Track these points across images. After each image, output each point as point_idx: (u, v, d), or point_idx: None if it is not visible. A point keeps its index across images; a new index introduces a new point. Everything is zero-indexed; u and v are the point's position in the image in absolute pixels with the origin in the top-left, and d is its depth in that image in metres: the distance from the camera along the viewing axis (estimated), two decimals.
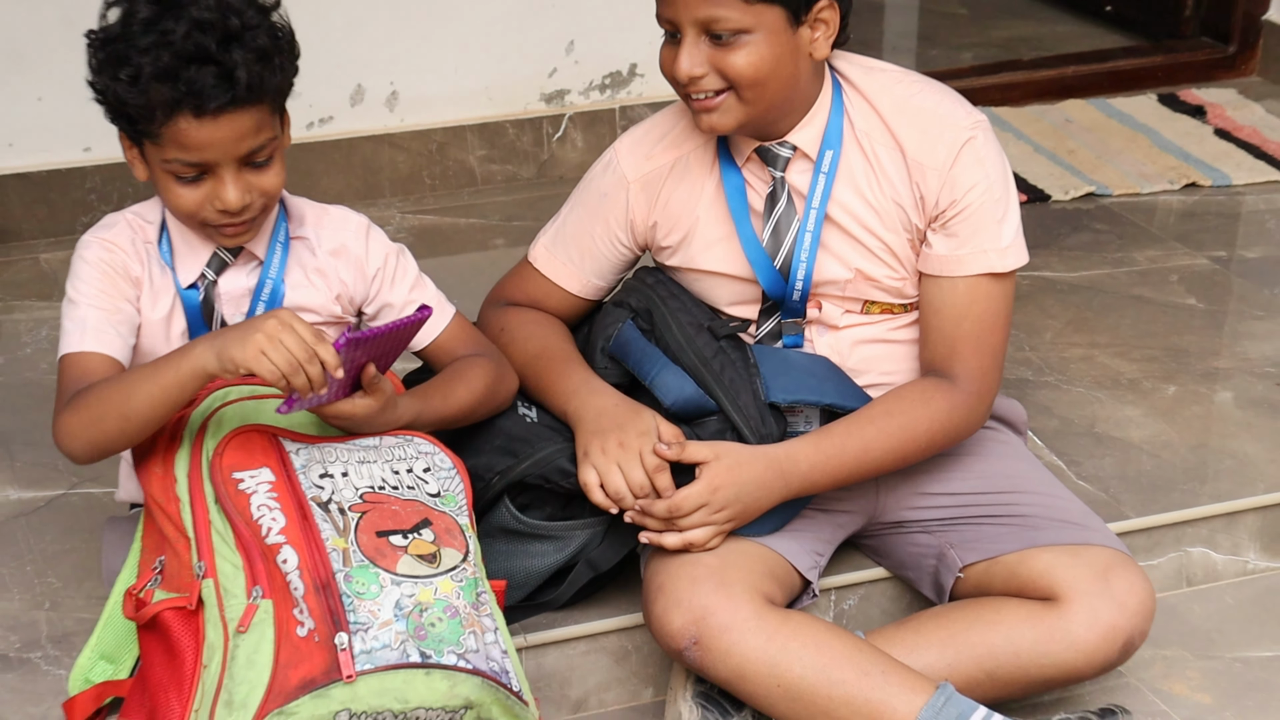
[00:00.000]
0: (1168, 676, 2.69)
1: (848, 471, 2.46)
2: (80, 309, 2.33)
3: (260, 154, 2.29)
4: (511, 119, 4.06)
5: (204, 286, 2.39)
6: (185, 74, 2.20)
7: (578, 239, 2.63)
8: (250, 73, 2.22)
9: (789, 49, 2.39)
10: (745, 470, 2.40)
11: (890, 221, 2.50)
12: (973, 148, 2.48)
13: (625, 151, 2.59)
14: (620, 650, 2.63)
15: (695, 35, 2.37)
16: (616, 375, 2.56)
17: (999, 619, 2.46)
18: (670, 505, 2.38)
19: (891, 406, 2.49)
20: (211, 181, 2.28)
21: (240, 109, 2.23)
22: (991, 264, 2.50)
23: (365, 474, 2.23)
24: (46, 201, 3.74)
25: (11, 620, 2.57)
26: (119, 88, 2.23)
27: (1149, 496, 2.90)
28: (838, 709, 2.35)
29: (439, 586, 2.14)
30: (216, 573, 2.13)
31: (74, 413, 2.23)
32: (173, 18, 2.22)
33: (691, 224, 2.56)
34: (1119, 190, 4.06)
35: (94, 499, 2.86)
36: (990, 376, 2.53)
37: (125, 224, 2.40)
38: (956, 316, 2.50)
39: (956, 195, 2.47)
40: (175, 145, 2.25)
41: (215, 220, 2.31)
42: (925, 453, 2.51)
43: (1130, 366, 3.31)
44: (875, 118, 2.50)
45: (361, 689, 2.06)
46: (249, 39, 2.23)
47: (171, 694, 2.13)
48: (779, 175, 2.51)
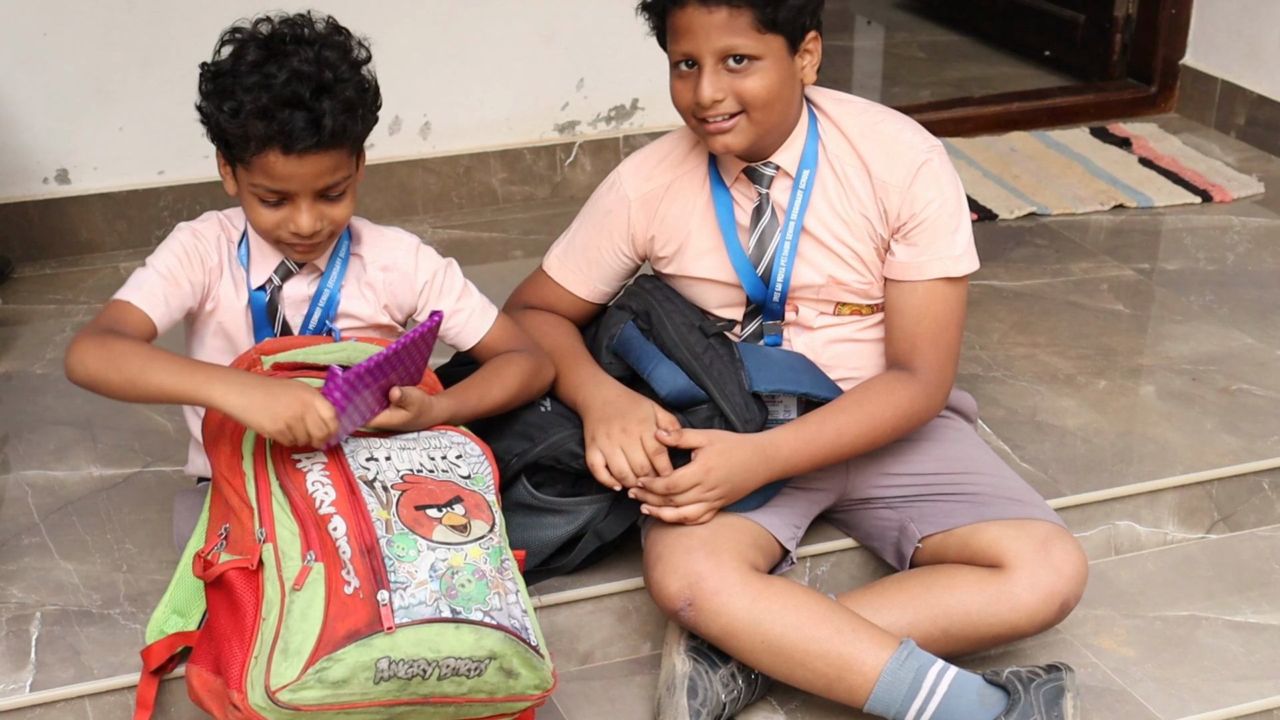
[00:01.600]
0: (1098, 633, 2.69)
1: (823, 455, 2.46)
2: (148, 271, 2.34)
3: (335, 189, 2.30)
4: (529, 146, 4.05)
5: (270, 290, 2.39)
6: (280, 115, 2.20)
7: (586, 250, 2.62)
8: (335, 121, 2.23)
9: (789, 74, 2.41)
10: (735, 454, 2.40)
11: (858, 232, 2.50)
12: (929, 168, 2.48)
13: (628, 174, 2.59)
14: (622, 610, 2.62)
15: (714, 64, 2.37)
16: (619, 369, 2.56)
17: (953, 584, 2.45)
18: (669, 483, 2.38)
19: (860, 397, 2.48)
20: (290, 207, 2.28)
21: (323, 151, 2.24)
22: (947, 269, 2.50)
23: (405, 459, 2.23)
24: (126, 218, 3.74)
25: (94, 581, 2.57)
26: (221, 117, 2.24)
27: (1082, 477, 2.90)
28: (814, 661, 2.35)
29: (469, 552, 2.14)
30: (276, 538, 2.13)
31: (99, 346, 2.19)
32: (276, 64, 2.23)
33: (685, 237, 2.56)
34: (1057, 210, 4.05)
35: (165, 476, 2.85)
36: (946, 369, 2.53)
37: (216, 221, 2.41)
38: (916, 316, 2.50)
39: (915, 209, 2.47)
40: (263, 174, 2.25)
41: (288, 240, 2.31)
42: (890, 437, 2.51)
43: (1066, 364, 3.30)
44: (844, 142, 2.50)
45: (400, 639, 2.06)
46: (339, 90, 2.24)
47: (235, 643, 2.12)
48: (765, 192, 2.51)
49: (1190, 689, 2.57)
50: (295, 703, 2.04)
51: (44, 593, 2.53)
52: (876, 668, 2.34)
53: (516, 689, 2.16)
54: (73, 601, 2.51)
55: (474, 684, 2.12)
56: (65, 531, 2.69)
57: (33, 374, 3.21)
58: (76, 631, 2.45)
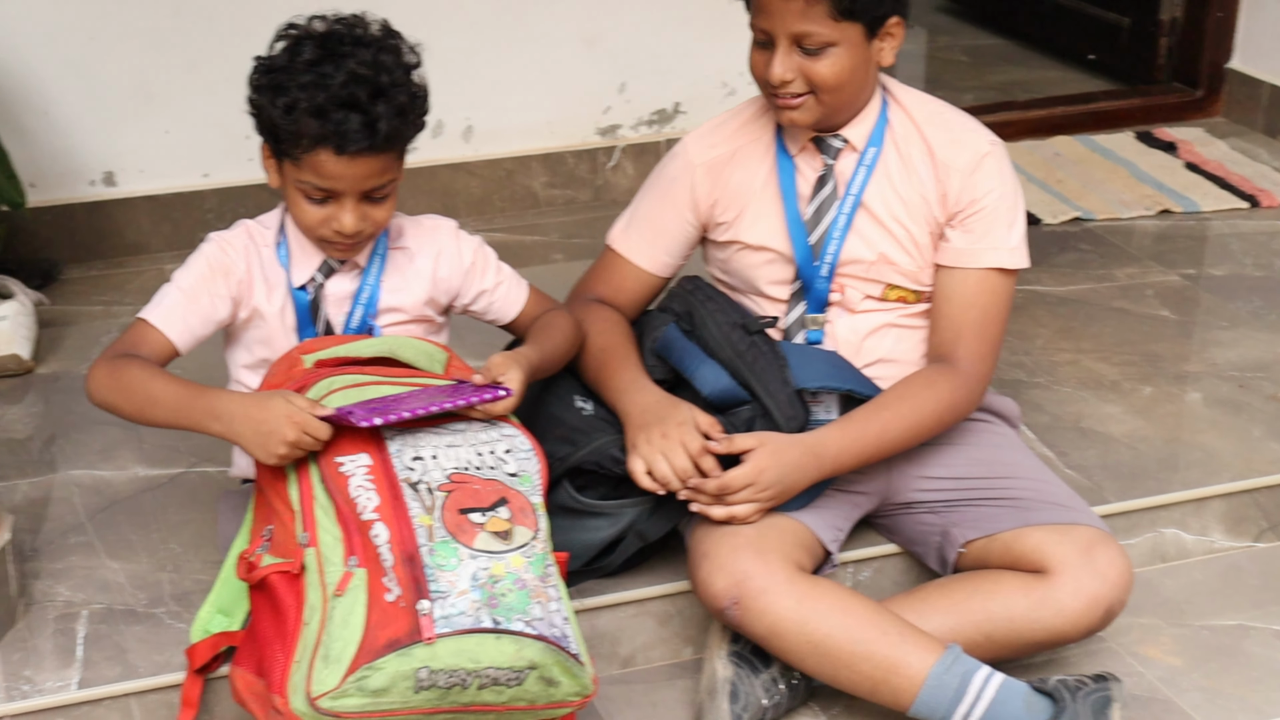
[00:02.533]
0: (1143, 642, 2.67)
1: (870, 452, 2.47)
2: (171, 289, 2.37)
3: (380, 191, 2.31)
4: (571, 150, 4.05)
5: (313, 289, 2.40)
6: (335, 116, 2.22)
7: (650, 221, 2.65)
8: (389, 125, 2.24)
9: (863, 59, 2.44)
10: (786, 454, 2.40)
11: (915, 213, 2.52)
12: (993, 159, 2.52)
13: (693, 142, 2.63)
14: (664, 614, 2.62)
15: (788, 45, 2.41)
16: (662, 371, 2.56)
17: (996, 589, 2.44)
18: (721, 484, 2.38)
19: (903, 392, 2.49)
20: (334, 206, 2.29)
21: (374, 154, 2.25)
22: (1002, 260, 2.52)
23: (452, 456, 2.22)
24: (171, 220, 3.76)
25: (140, 580, 2.58)
26: (274, 113, 2.25)
27: (1127, 484, 2.88)
28: (859, 663, 2.35)
29: (510, 561, 2.14)
30: (318, 543, 2.13)
31: (112, 374, 2.27)
32: (333, 64, 2.24)
33: (745, 202, 2.58)
34: (1101, 215, 4.03)
35: (210, 476, 2.86)
36: (987, 362, 2.54)
37: (245, 230, 2.42)
38: (965, 304, 2.52)
39: (976, 195, 2.50)
40: (312, 172, 2.26)
41: (330, 238, 2.32)
42: (934, 431, 2.51)
43: (1111, 370, 3.29)
44: (911, 124, 2.54)
45: (440, 649, 2.06)
46: (393, 95, 2.26)
47: (277, 647, 2.13)
48: (830, 163, 2.53)
49: (1238, 699, 2.55)
50: (336, 710, 2.04)
51: (90, 591, 2.55)
52: (922, 671, 2.33)
53: (557, 697, 2.16)
54: (119, 600, 2.53)
55: (514, 693, 2.11)
56: (111, 531, 2.71)
57: (79, 374, 3.22)
58: (122, 630, 2.46)
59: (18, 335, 3.20)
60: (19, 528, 2.63)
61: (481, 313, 2.54)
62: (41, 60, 3.56)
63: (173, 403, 2.23)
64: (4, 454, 2.93)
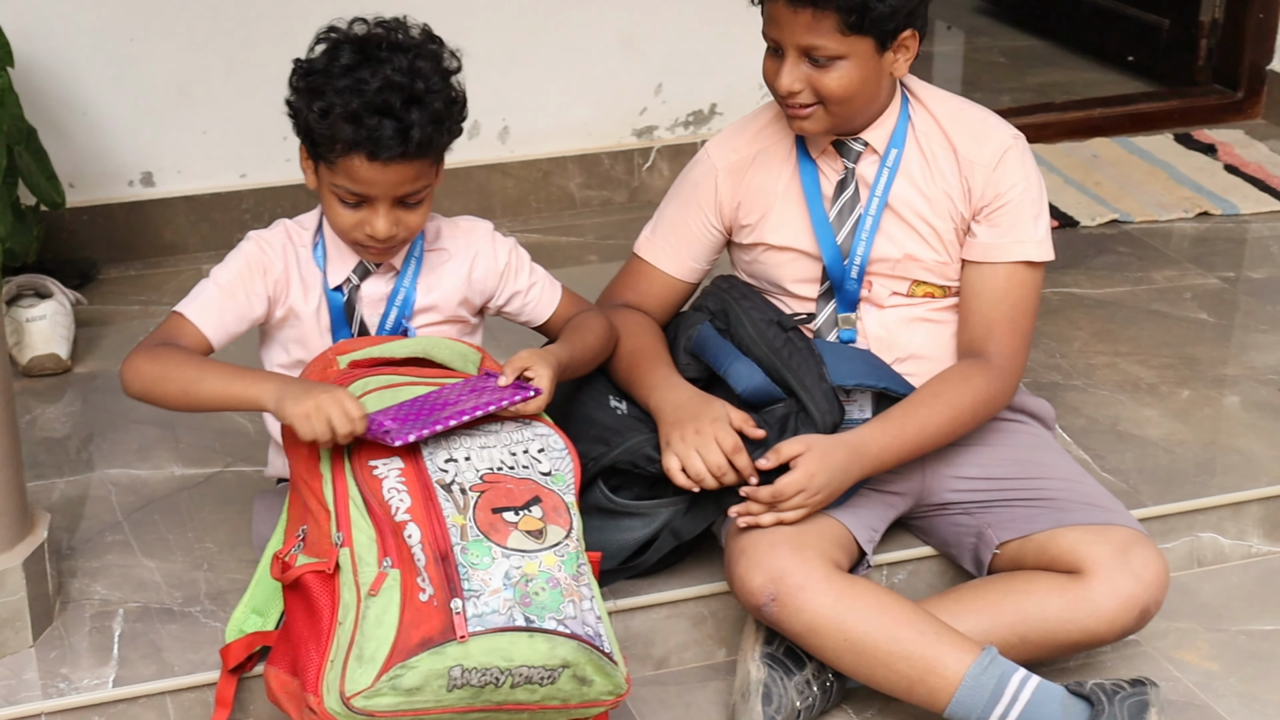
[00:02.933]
0: (1180, 646, 2.66)
1: (910, 449, 2.47)
2: (208, 284, 2.38)
3: (414, 197, 2.31)
4: (607, 151, 4.06)
5: (348, 290, 2.41)
6: (369, 122, 2.22)
7: (675, 227, 2.65)
8: (423, 133, 2.24)
9: (874, 71, 2.43)
10: (832, 457, 2.40)
11: (940, 210, 2.52)
12: (1015, 153, 2.53)
13: (714, 147, 2.63)
14: (698, 615, 2.62)
15: (796, 57, 2.41)
16: (696, 370, 2.57)
17: (1031, 590, 2.44)
18: (774, 491, 2.38)
19: (939, 388, 2.49)
20: (368, 210, 2.30)
21: (407, 161, 2.25)
22: (1029, 253, 2.52)
23: (485, 457, 2.22)
24: (209, 220, 3.78)
25: (175, 579, 2.59)
26: (310, 116, 2.26)
27: (1164, 487, 2.87)
28: (896, 662, 2.34)
29: (543, 560, 2.14)
30: (353, 543, 2.14)
31: (151, 360, 2.27)
32: (369, 70, 2.24)
33: (769, 204, 2.58)
34: (1139, 217, 4.01)
35: (245, 476, 2.87)
36: (1020, 355, 2.54)
37: (283, 229, 2.43)
38: (995, 299, 2.52)
39: (1000, 190, 2.50)
40: (345, 176, 2.27)
41: (364, 241, 2.33)
42: (970, 425, 2.51)
43: (1149, 373, 3.27)
44: (933, 122, 2.54)
45: (473, 648, 2.06)
46: (429, 102, 2.25)
47: (311, 646, 2.14)
48: (851, 166, 2.53)
49: (1275, 705, 2.53)
50: (369, 709, 2.05)
51: (127, 590, 2.57)
52: (959, 672, 2.32)
53: (590, 695, 2.16)
54: (154, 599, 2.54)
55: (547, 691, 2.12)
56: (148, 530, 2.72)
57: (116, 374, 3.23)
58: (158, 629, 2.48)
59: (56, 335, 3.22)
60: (56, 526, 2.65)
61: (515, 314, 2.54)
62: (81, 61, 3.58)
63: (220, 375, 2.23)
64: (42, 453, 2.95)
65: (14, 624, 2.39)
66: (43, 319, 3.21)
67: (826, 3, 2.35)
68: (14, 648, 2.41)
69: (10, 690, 2.35)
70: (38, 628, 2.43)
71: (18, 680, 2.36)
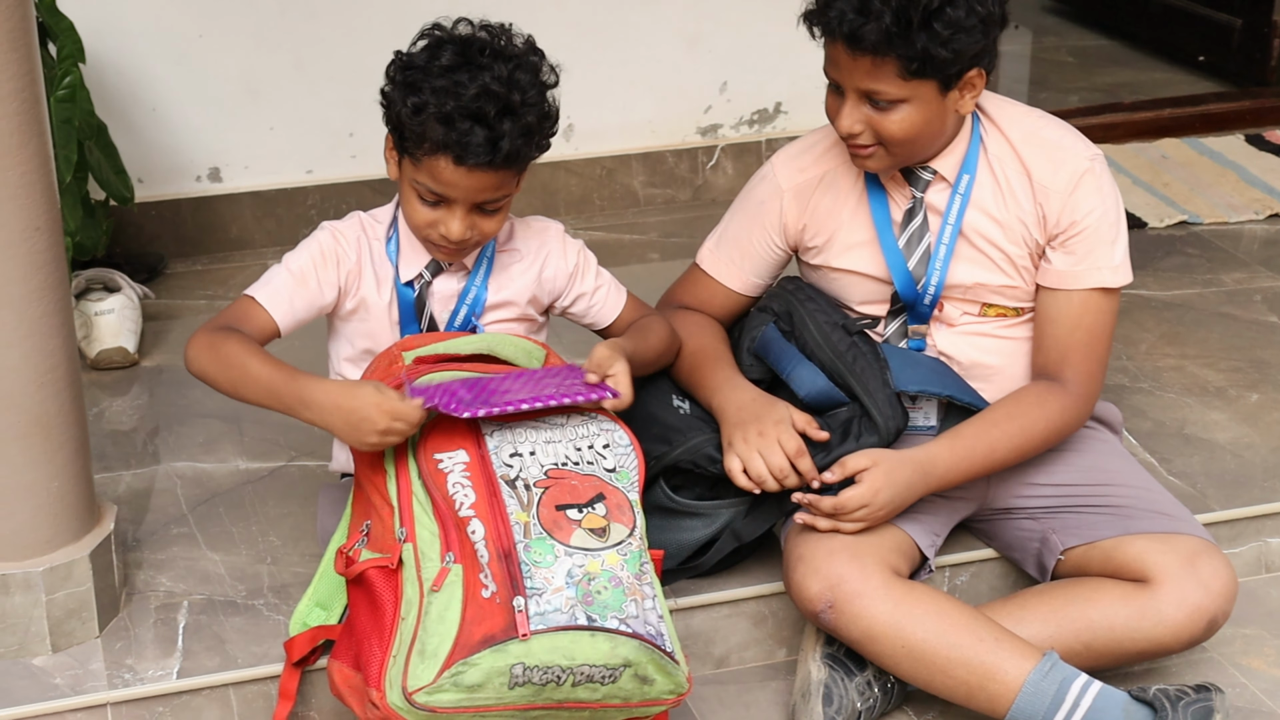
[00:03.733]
0: (1247, 653, 2.63)
1: (977, 470, 2.45)
2: (280, 270, 2.39)
3: (493, 204, 2.32)
4: (671, 149, 4.05)
5: (419, 286, 2.42)
6: (460, 127, 2.22)
7: (739, 243, 2.62)
8: (513, 144, 2.25)
9: (938, 112, 2.39)
10: (898, 474, 2.38)
11: (1013, 235, 2.48)
12: (1092, 176, 2.46)
13: (781, 165, 2.59)
14: (758, 615, 2.61)
15: (856, 99, 2.37)
16: (759, 371, 2.55)
17: (1096, 597, 2.41)
18: (836, 504, 2.37)
19: (1012, 410, 2.46)
20: (445, 210, 2.30)
21: (493, 169, 2.26)
22: (1104, 280, 2.47)
23: (550, 452, 2.22)
24: (275, 216, 3.80)
25: (239, 572, 2.61)
26: (403, 110, 2.27)
27: (1232, 492, 2.84)
28: (955, 669, 2.33)
29: (606, 559, 2.14)
30: (416, 538, 2.14)
31: (211, 345, 2.30)
32: (468, 74, 2.24)
33: (835, 229, 2.55)
34: (1209, 219, 3.97)
35: (309, 470, 2.89)
36: (1096, 381, 2.50)
37: (358, 221, 2.44)
38: (1070, 326, 2.48)
39: (1076, 217, 2.45)
40: (429, 175, 2.27)
41: (436, 241, 2.33)
42: (1039, 450, 2.48)
43: (1217, 376, 3.24)
44: (1007, 145, 2.49)
45: (535, 646, 2.06)
46: (522, 114, 2.26)
47: (374, 641, 2.14)
48: (919, 196, 2.49)
49: None
50: (431, 704, 2.05)
51: (191, 582, 2.59)
52: (1019, 678, 2.31)
53: (651, 694, 2.16)
54: (219, 591, 2.56)
55: (608, 690, 2.12)
56: (212, 523, 2.74)
57: (183, 367, 3.24)
58: (222, 621, 2.49)
59: (123, 329, 3.25)
60: (122, 518, 2.67)
61: (579, 316, 2.54)
62: (150, 58, 3.61)
63: (266, 383, 2.25)
64: (108, 445, 2.98)
65: (81, 614, 2.42)
66: (111, 313, 3.24)
67: (887, 49, 2.29)
68: (80, 638, 2.43)
69: (77, 680, 2.37)
70: (104, 619, 2.46)
71: (84, 670, 2.39)
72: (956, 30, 2.29)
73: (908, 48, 2.29)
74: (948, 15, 2.29)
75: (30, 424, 2.31)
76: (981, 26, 2.33)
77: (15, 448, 2.32)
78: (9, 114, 2.18)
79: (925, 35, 2.28)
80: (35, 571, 2.36)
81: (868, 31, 2.28)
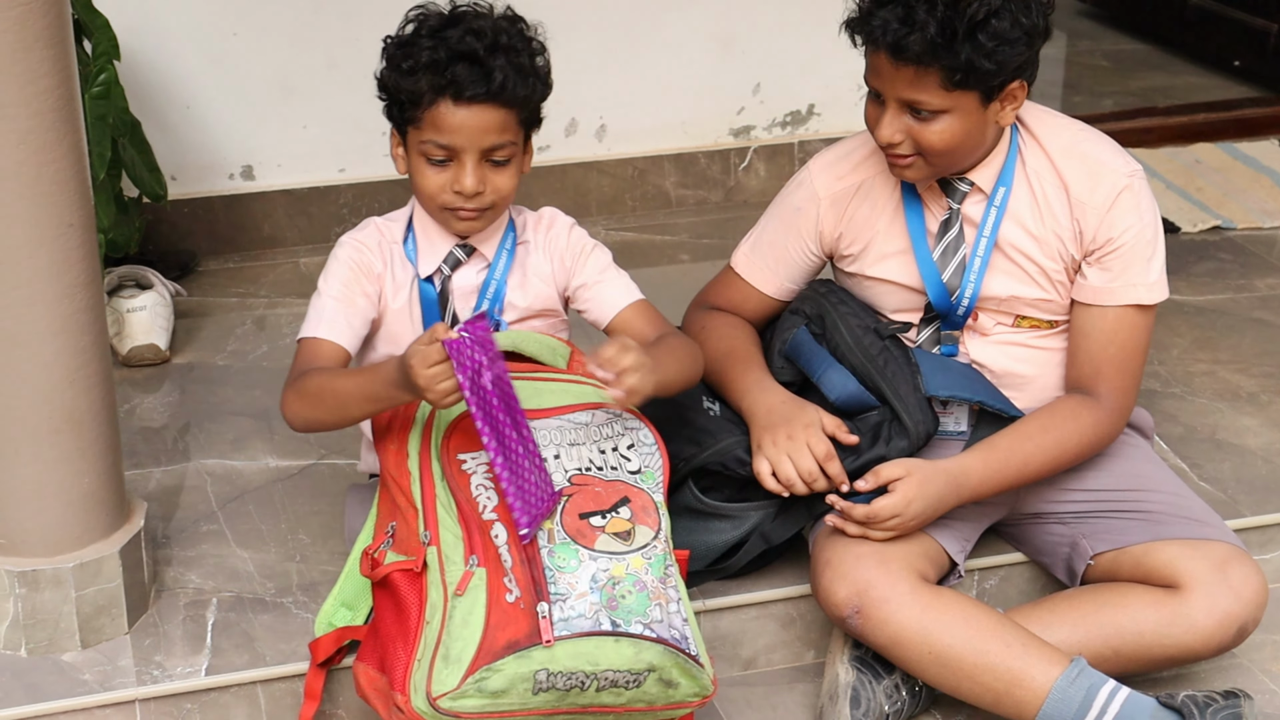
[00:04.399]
0: (1277, 659, 2.61)
1: (1010, 483, 2.44)
2: (323, 299, 2.38)
3: (499, 152, 2.31)
4: (703, 150, 4.05)
5: (440, 280, 2.42)
6: (452, 67, 2.26)
7: (773, 248, 2.61)
8: (505, 75, 2.27)
9: (979, 123, 2.37)
10: (931, 485, 2.37)
11: (1049, 250, 2.46)
12: (1130, 193, 2.44)
13: (818, 171, 2.57)
14: (786, 617, 2.61)
15: (897, 109, 2.35)
16: (790, 374, 2.55)
17: (1126, 603, 2.40)
18: (869, 513, 2.36)
19: (1047, 423, 2.45)
20: (455, 168, 2.31)
21: (491, 104, 2.27)
22: (1140, 297, 2.45)
23: (575, 456, 2.22)
24: (307, 214, 3.81)
25: (268, 569, 2.62)
26: (398, 76, 2.30)
27: (1263, 497, 2.82)
28: (982, 675, 2.32)
29: (630, 563, 2.14)
30: (439, 541, 2.14)
31: (299, 396, 2.27)
32: (454, 26, 2.30)
33: (871, 238, 2.54)
34: (1242, 224, 3.95)
35: (339, 469, 2.89)
36: (1129, 396, 2.49)
37: (375, 227, 2.44)
38: (1104, 341, 2.46)
39: (1113, 234, 2.43)
40: (432, 127, 2.28)
41: (452, 203, 2.33)
42: (1073, 463, 2.48)
43: (1249, 381, 3.22)
44: (1044, 158, 2.46)
45: (559, 652, 2.06)
46: (510, 54, 2.29)
47: (399, 644, 2.15)
48: (956, 207, 2.48)
49: None
50: (455, 710, 2.06)
51: (220, 579, 2.59)
52: (1046, 684, 2.30)
53: (676, 698, 2.16)
54: (247, 589, 2.57)
55: (633, 695, 2.11)
56: (242, 520, 2.75)
57: (214, 365, 3.29)
58: (250, 619, 2.50)
59: (155, 325, 3.26)
60: (152, 515, 2.68)
61: (582, 308, 2.50)
62: (185, 56, 3.63)
63: (358, 391, 2.23)
64: (139, 442, 2.98)
65: (110, 611, 2.43)
66: (143, 310, 3.25)
67: (931, 60, 2.28)
68: (110, 634, 2.44)
69: (106, 676, 2.38)
70: (133, 615, 2.47)
71: (113, 666, 2.40)
72: (1001, 42, 2.28)
73: (952, 58, 2.27)
74: (992, 26, 2.27)
75: (62, 420, 2.32)
76: (1025, 39, 2.31)
77: (47, 444, 2.32)
78: (44, 110, 2.18)
79: (970, 46, 2.27)
80: (65, 567, 2.37)
81: (912, 42, 2.26)
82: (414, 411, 2.24)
